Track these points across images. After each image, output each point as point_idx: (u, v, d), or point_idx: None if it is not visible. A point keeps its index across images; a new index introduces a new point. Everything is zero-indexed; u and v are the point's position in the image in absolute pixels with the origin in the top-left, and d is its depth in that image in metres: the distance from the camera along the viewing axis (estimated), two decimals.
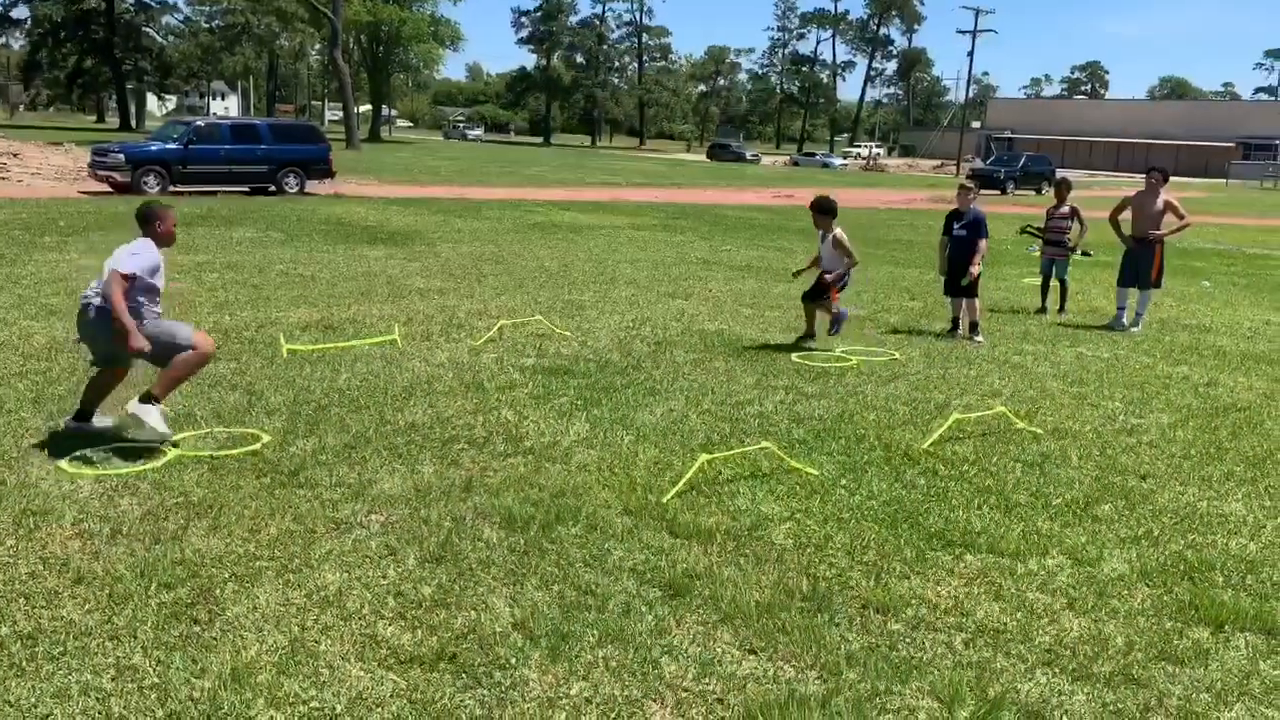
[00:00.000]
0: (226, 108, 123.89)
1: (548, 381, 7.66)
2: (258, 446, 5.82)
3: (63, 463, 5.43)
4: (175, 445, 5.79)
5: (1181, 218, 11.15)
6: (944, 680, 3.68)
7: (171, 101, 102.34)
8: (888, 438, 6.63)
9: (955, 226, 10.17)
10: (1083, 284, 14.18)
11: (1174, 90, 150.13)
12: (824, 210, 9.27)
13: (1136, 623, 4.21)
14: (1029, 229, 13.25)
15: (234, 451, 5.73)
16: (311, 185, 24.83)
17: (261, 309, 10.02)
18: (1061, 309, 12.08)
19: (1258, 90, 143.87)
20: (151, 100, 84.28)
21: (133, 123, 72.26)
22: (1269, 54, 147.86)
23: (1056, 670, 3.81)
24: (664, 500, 5.26)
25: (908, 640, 3.98)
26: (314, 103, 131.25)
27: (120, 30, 71.18)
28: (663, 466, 5.83)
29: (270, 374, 7.50)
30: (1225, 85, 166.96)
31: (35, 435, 5.87)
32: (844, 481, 5.75)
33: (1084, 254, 13.29)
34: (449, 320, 9.86)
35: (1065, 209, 12.03)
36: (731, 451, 6.03)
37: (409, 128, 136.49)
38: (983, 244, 10.01)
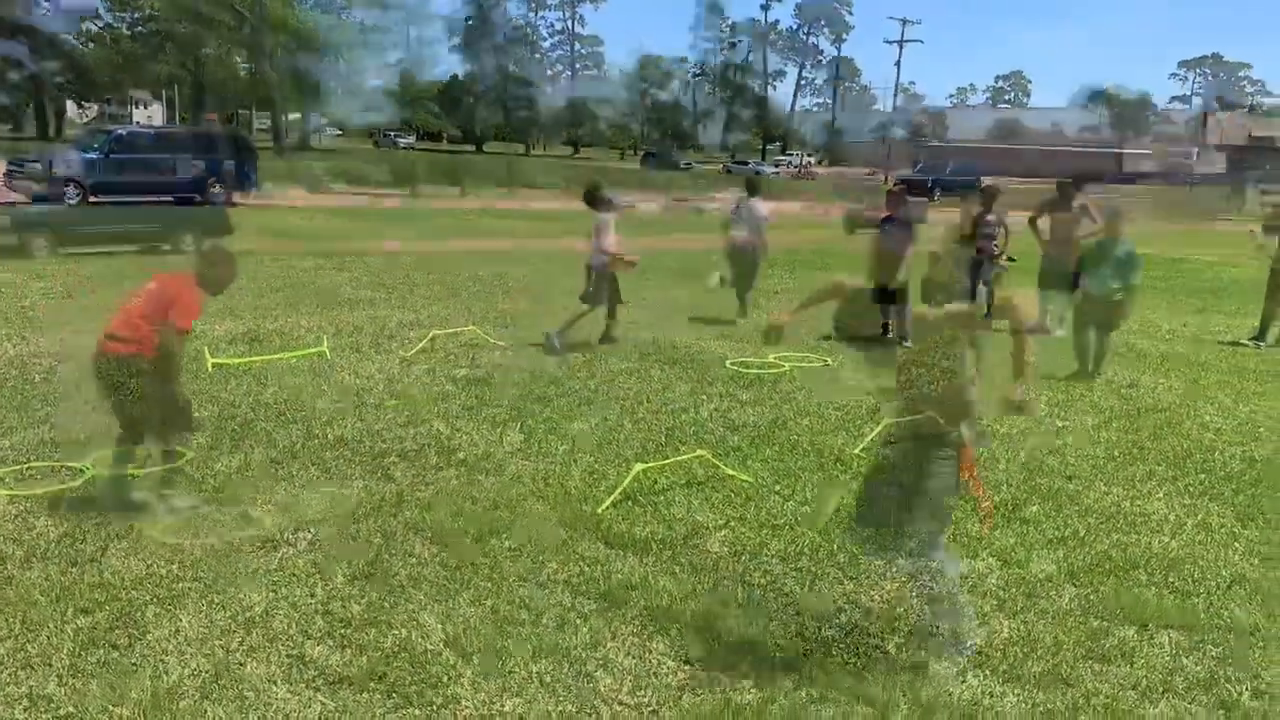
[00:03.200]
0: (150, 116, 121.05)
1: (481, 392, 7.59)
2: (180, 463, 5.66)
3: None
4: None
5: (1097, 221, 11.39)
6: (878, 685, 3.70)
7: (93, 110, 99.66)
8: (821, 443, 6.67)
9: (884, 230, 10.30)
10: (1006, 288, 14.43)
11: (1093, 98, 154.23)
12: None
13: (1065, 623, 4.29)
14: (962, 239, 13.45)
15: (156, 469, 5.56)
16: (238, 195, 24.36)
17: None
18: (988, 314, 12.26)
19: (1172, 99, 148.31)
20: (71, 108, 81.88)
21: (52, 131, 70.21)
22: (1182, 64, 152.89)
23: (988, 672, 3.86)
24: (599, 511, 5.23)
25: (842, 646, 4.00)
26: (241, 111, 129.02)
27: (37, 37, 69.23)
28: (598, 476, 5.80)
29: (194, 388, 7.30)
30: (1142, 94, 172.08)
31: None
32: (778, 488, 5.77)
33: (1008, 259, 13.54)
34: (379, 331, 9.72)
35: (992, 216, 12.25)
36: (667, 460, 6.02)
37: (339, 135, 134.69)
38: (910, 250, 10.14)
